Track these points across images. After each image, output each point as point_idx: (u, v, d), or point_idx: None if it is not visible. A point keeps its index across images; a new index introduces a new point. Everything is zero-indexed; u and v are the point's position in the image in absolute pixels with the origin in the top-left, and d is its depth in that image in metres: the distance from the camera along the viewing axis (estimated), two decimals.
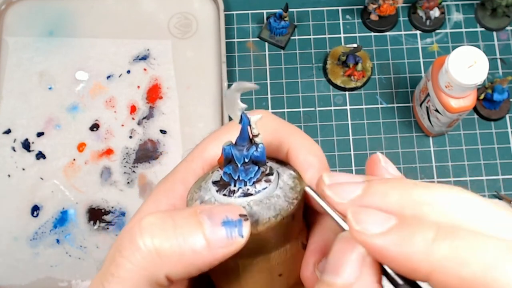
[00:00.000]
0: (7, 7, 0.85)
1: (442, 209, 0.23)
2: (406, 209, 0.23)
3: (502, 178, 0.79)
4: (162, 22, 0.85)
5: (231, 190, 0.29)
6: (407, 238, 0.22)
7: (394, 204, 0.24)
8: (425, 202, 0.23)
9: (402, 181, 0.24)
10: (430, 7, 0.84)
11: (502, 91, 0.78)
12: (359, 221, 0.23)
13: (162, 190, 0.31)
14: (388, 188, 0.24)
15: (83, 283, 0.74)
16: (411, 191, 0.24)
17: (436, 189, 0.24)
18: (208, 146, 0.32)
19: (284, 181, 0.30)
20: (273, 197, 0.28)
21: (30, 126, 0.80)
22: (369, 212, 0.23)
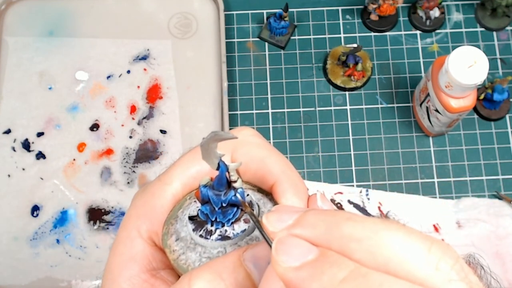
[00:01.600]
0: (7, 7, 0.85)
1: (369, 247, 0.22)
2: (333, 243, 0.23)
3: (502, 178, 0.79)
4: (162, 22, 0.85)
5: (208, 230, 0.28)
6: (317, 276, 0.22)
7: (322, 237, 0.23)
8: (353, 238, 0.22)
9: (336, 214, 0.24)
10: (430, 7, 0.84)
11: (502, 91, 0.78)
12: (279, 252, 0.23)
13: (142, 215, 0.31)
14: (319, 220, 0.24)
15: (83, 283, 0.74)
16: (341, 225, 0.23)
17: (368, 225, 0.23)
18: (188, 169, 0.31)
19: None
20: (252, 240, 0.28)
21: (30, 126, 0.80)
22: (293, 243, 0.23)
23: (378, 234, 0.22)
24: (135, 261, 0.30)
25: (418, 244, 0.22)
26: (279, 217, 0.24)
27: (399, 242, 0.22)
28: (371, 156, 0.80)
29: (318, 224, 0.23)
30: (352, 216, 0.23)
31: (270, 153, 0.31)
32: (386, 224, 0.23)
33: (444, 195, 0.78)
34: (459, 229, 0.75)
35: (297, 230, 0.24)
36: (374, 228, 0.22)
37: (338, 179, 0.79)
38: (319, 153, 0.80)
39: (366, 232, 0.22)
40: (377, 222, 0.23)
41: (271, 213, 0.25)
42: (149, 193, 0.31)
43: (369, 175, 0.79)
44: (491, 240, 0.74)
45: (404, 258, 0.22)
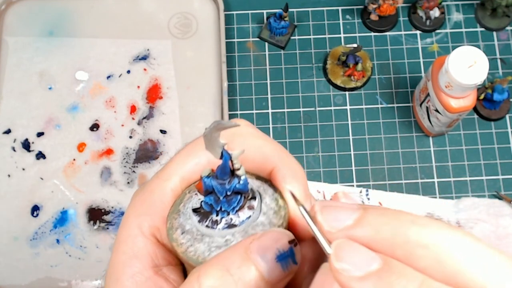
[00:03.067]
0: (7, 7, 0.85)
1: (438, 255, 0.21)
2: (398, 249, 0.21)
3: (502, 178, 0.79)
4: (162, 22, 0.85)
5: (214, 220, 0.28)
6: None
7: (385, 242, 0.21)
8: (420, 244, 0.21)
9: (399, 216, 0.22)
10: (430, 7, 0.84)
11: (502, 91, 0.78)
12: (340, 258, 0.21)
13: (142, 212, 0.30)
14: (382, 222, 0.22)
15: (83, 283, 0.74)
16: (406, 229, 0.21)
17: (435, 230, 0.21)
18: (185, 163, 0.31)
19: (267, 205, 0.29)
20: (258, 226, 0.28)
21: (30, 126, 0.80)
22: (354, 249, 0.22)
23: (446, 241, 0.21)
24: (138, 259, 0.30)
25: (487, 255, 0.21)
26: (336, 216, 0.23)
27: (467, 252, 0.21)
28: (371, 156, 0.80)
29: (380, 227, 0.22)
30: (416, 219, 0.22)
31: (266, 142, 0.31)
32: (453, 230, 0.21)
33: (444, 195, 0.78)
34: None
35: (358, 232, 0.22)
36: (441, 233, 0.21)
37: (338, 179, 0.79)
38: (319, 153, 0.80)
39: (433, 237, 0.21)
40: (443, 227, 0.21)
41: (326, 210, 0.23)
42: (148, 191, 0.31)
43: (369, 175, 0.79)
44: (491, 240, 0.74)
45: (475, 271, 0.20)
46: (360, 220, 0.22)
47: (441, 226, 0.21)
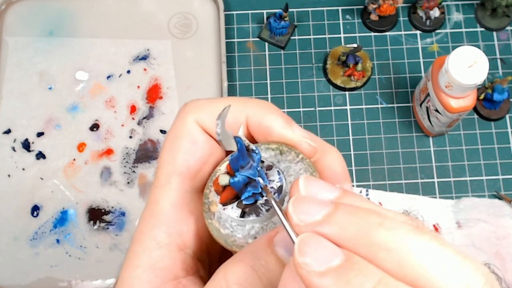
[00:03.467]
0: (7, 7, 0.85)
1: (399, 259, 0.21)
2: (361, 248, 0.21)
3: (502, 178, 0.79)
4: (162, 22, 0.85)
5: (257, 206, 0.29)
6: (341, 285, 0.20)
7: (349, 241, 0.22)
8: (382, 247, 0.21)
9: (368, 217, 0.22)
10: (430, 7, 0.84)
11: (502, 91, 0.78)
12: (303, 253, 0.21)
13: (155, 224, 0.30)
14: (349, 221, 0.22)
15: (83, 283, 0.74)
16: (371, 231, 0.22)
17: (400, 234, 0.21)
18: (175, 159, 0.31)
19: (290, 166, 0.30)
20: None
21: (30, 126, 0.80)
22: (318, 244, 0.22)
23: (409, 245, 0.21)
24: (156, 273, 0.29)
25: (450, 260, 0.21)
26: (307, 209, 0.23)
27: (430, 256, 0.21)
28: (371, 156, 0.80)
29: (347, 226, 0.22)
30: (384, 221, 0.22)
31: (225, 101, 0.31)
32: (418, 234, 0.21)
33: (444, 195, 0.78)
34: (459, 229, 0.75)
35: (324, 228, 0.22)
36: (405, 238, 0.21)
37: None
38: None
39: (397, 242, 0.21)
40: (409, 231, 0.21)
41: (297, 202, 0.23)
42: (152, 203, 0.31)
43: (369, 175, 0.79)
44: (491, 240, 0.74)
45: (435, 275, 0.21)
46: (328, 217, 0.22)
47: (408, 230, 0.21)
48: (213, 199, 0.30)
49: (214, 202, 0.30)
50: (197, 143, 0.31)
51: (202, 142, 0.31)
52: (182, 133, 0.31)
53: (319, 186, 0.24)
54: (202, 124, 0.31)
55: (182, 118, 0.31)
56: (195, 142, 0.31)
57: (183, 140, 0.31)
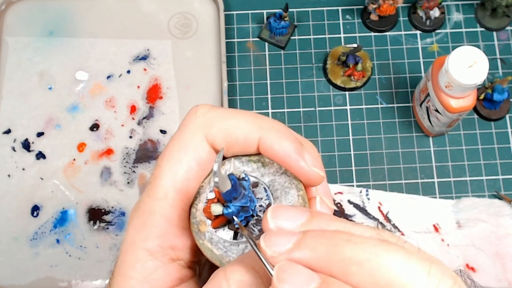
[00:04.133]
0: (7, 7, 0.85)
1: (370, 270, 0.22)
2: (334, 266, 0.23)
3: (502, 178, 0.79)
4: (162, 22, 0.85)
5: (258, 220, 0.29)
6: None
7: (322, 260, 0.23)
8: (354, 262, 0.22)
9: (335, 236, 0.24)
10: (430, 7, 0.84)
11: (502, 91, 0.78)
12: (281, 280, 0.23)
13: (148, 236, 0.30)
14: (318, 243, 0.23)
15: (83, 283, 0.74)
16: (341, 248, 0.23)
17: (368, 247, 0.23)
18: (175, 174, 0.30)
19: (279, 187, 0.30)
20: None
21: (30, 126, 0.80)
22: (294, 270, 0.23)
23: (377, 256, 0.22)
24: (150, 284, 0.29)
25: (418, 266, 0.22)
26: (277, 241, 0.24)
27: (399, 264, 0.22)
28: (371, 156, 0.80)
29: (317, 248, 0.23)
30: (352, 237, 0.23)
31: (239, 117, 0.31)
32: (385, 246, 0.23)
33: (444, 195, 0.78)
34: (459, 229, 0.75)
35: (297, 254, 0.23)
36: (373, 250, 0.23)
37: (338, 179, 0.79)
38: (319, 153, 0.80)
39: (366, 254, 0.22)
40: (376, 244, 0.23)
41: (268, 236, 0.24)
42: (147, 212, 0.30)
43: (369, 175, 0.79)
44: (491, 240, 0.74)
45: (405, 282, 0.22)
46: (299, 243, 0.24)
47: (374, 243, 0.23)
48: (201, 218, 0.30)
49: (203, 222, 0.29)
50: (201, 163, 0.30)
51: (206, 162, 0.31)
52: (188, 148, 0.30)
53: (287, 214, 0.26)
54: (211, 140, 0.31)
55: (191, 130, 0.31)
56: (200, 162, 0.30)
57: (188, 157, 0.30)
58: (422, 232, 0.75)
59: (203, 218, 0.29)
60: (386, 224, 0.76)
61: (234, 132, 0.30)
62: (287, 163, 0.30)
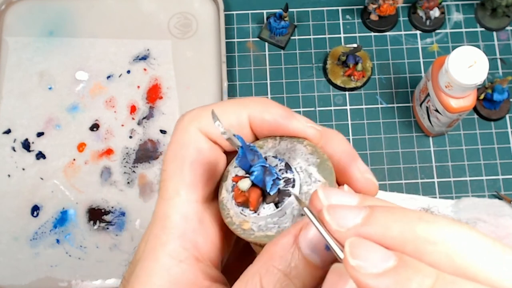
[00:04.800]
0: (7, 7, 0.85)
1: (447, 250, 0.21)
2: (408, 245, 0.22)
3: (502, 178, 0.79)
4: (162, 22, 0.85)
5: (289, 182, 0.29)
6: (404, 283, 0.21)
7: (395, 238, 0.22)
8: (428, 240, 0.22)
9: (406, 213, 0.22)
10: (430, 7, 0.84)
11: (502, 91, 0.78)
12: (355, 256, 0.21)
13: (170, 239, 0.29)
14: (390, 220, 0.22)
15: (83, 283, 0.74)
16: (414, 226, 0.22)
17: (442, 226, 0.22)
18: (182, 170, 0.30)
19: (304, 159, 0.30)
20: (308, 183, 0.29)
21: (30, 126, 0.80)
22: (368, 247, 0.22)
23: (454, 236, 0.22)
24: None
25: (493, 249, 0.22)
26: (344, 214, 0.23)
27: (475, 246, 0.21)
28: (371, 156, 0.80)
29: (389, 225, 0.22)
30: (423, 215, 0.22)
31: (241, 103, 0.31)
32: (459, 226, 0.22)
33: (444, 195, 0.78)
34: None
35: (367, 230, 0.22)
36: (448, 229, 0.22)
37: None
38: None
39: (441, 233, 0.22)
40: (450, 223, 0.22)
41: (332, 209, 0.23)
42: (161, 216, 0.30)
43: None
44: None
45: (483, 264, 0.21)
46: (368, 218, 0.23)
47: (447, 222, 0.22)
48: (239, 219, 0.29)
49: (244, 220, 0.29)
50: (203, 151, 0.30)
51: (207, 149, 0.31)
52: (186, 143, 0.31)
53: (340, 195, 0.25)
54: (205, 132, 0.31)
55: (183, 128, 0.31)
56: (200, 151, 0.30)
57: (189, 150, 0.30)
58: None
59: (240, 216, 0.29)
60: None
61: (225, 117, 0.30)
62: (281, 128, 0.30)
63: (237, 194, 0.28)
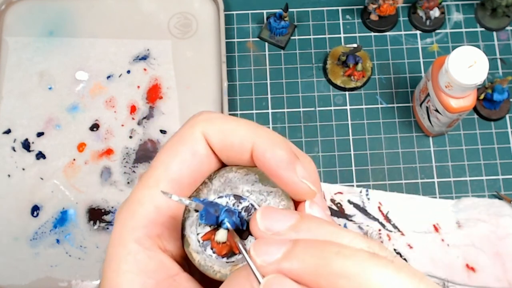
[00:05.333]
0: (7, 7, 0.85)
1: (359, 286, 0.22)
2: (322, 280, 0.23)
3: (502, 178, 0.79)
4: (162, 22, 0.85)
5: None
6: None
7: (310, 273, 0.23)
8: (342, 275, 0.22)
9: (325, 247, 0.23)
10: (430, 7, 0.84)
11: (502, 91, 0.78)
12: None
13: (138, 226, 0.29)
14: (308, 255, 0.23)
15: (83, 283, 0.74)
16: (330, 261, 0.23)
17: (357, 262, 0.23)
18: (169, 164, 0.30)
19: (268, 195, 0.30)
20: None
21: (30, 126, 0.80)
22: (281, 284, 0.23)
23: (367, 271, 0.22)
24: (148, 275, 0.29)
25: (406, 282, 0.22)
26: (267, 249, 0.24)
27: (388, 280, 0.22)
28: (371, 156, 0.80)
29: (306, 260, 0.23)
30: (341, 249, 0.23)
31: (237, 123, 0.31)
32: (374, 260, 0.23)
33: (444, 195, 0.78)
34: (459, 229, 0.75)
35: (286, 265, 0.23)
36: (362, 264, 0.23)
37: (338, 179, 0.79)
38: (319, 153, 0.80)
39: (355, 268, 0.22)
40: (366, 258, 0.23)
41: (258, 245, 0.24)
42: (136, 201, 0.30)
43: (369, 175, 0.79)
44: (491, 240, 0.74)
45: None
46: (288, 253, 0.24)
47: (364, 257, 0.23)
48: (229, 267, 0.29)
49: (234, 265, 0.29)
50: (197, 155, 0.30)
51: (202, 155, 0.31)
52: (185, 141, 0.31)
53: (277, 215, 0.26)
54: (208, 138, 0.31)
55: (191, 125, 0.31)
56: (195, 154, 0.30)
57: (184, 148, 0.30)
58: (422, 232, 0.75)
59: (227, 264, 0.29)
60: (386, 224, 0.76)
61: (230, 135, 0.30)
62: (276, 173, 0.29)
63: (219, 248, 0.29)
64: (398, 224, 0.76)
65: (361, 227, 0.76)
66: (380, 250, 0.24)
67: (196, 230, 0.30)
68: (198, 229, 0.30)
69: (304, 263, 0.23)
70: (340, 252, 0.23)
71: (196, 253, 0.29)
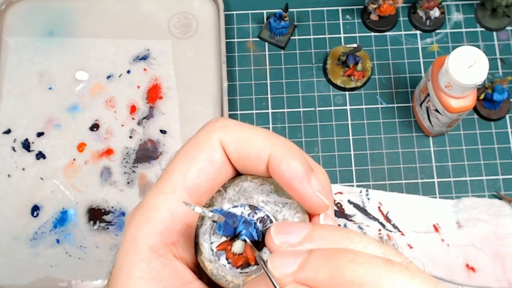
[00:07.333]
0: (7, 7, 0.85)
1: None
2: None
3: (502, 178, 0.79)
4: (162, 22, 0.85)
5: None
6: None
7: (325, 283, 0.23)
8: (356, 283, 0.23)
9: (338, 256, 0.24)
10: (430, 7, 0.84)
11: (502, 91, 0.78)
12: None
13: (153, 232, 0.29)
14: (322, 265, 0.24)
15: (83, 283, 0.74)
16: (343, 270, 0.23)
17: (371, 269, 0.23)
18: (187, 171, 0.30)
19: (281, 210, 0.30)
20: None
21: (30, 126, 0.80)
22: None
23: (381, 278, 0.22)
24: (161, 284, 0.29)
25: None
26: (284, 261, 0.25)
27: (402, 287, 0.22)
28: (371, 156, 0.80)
29: (321, 269, 0.24)
30: (355, 257, 0.23)
31: (254, 131, 0.31)
32: (388, 267, 0.23)
33: (444, 195, 0.78)
34: (459, 229, 0.75)
35: (302, 275, 0.24)
36: (377, 272, 0.23)
37: (338, 179, 0.79)
38: (319, 153, 0.80)
39: (369, 276, 0.23)
40: (380, 265, 0.23)
41: (275, 257, 0.25)
42: (151, 207, 0.30)
43: (369, 175, 0.79)
44: (491, 240, 0.74)
45: None
46: (303, 264, 0.24)
47: (378, 264, 0.23)
48: (242, 277, 0.29)
49: (248, 275, 0.29)
50: (214, 163, 0.30)
51: (219, 164, 0.30)
52: (202, 148, 0.30)
53: (290, 228, 0.26)
54: (225, 146, 0.30)
55: (208, 132, 0.31)
56: (212, 162, 0.30)
57: (202, 156, 0.30)
58: (422, 232, 0.75)
59: (240, 275, 0.29)
60: (386, 224, 0.76)
61: (247, 145, 0.30)
62: (291, 185, 0.29)
63: (235, 259, 0.29)
64: (398, 224, 0.76)
65: (361, 227, 0.76)
66: (395, 256, 0.24)
67: (209, 239, 0.30)
68: (212, 238, 0.30)
69: (319, 273, 0.24)
70: (354, 259, 0.23)
71: (208, 262, 0.29)
